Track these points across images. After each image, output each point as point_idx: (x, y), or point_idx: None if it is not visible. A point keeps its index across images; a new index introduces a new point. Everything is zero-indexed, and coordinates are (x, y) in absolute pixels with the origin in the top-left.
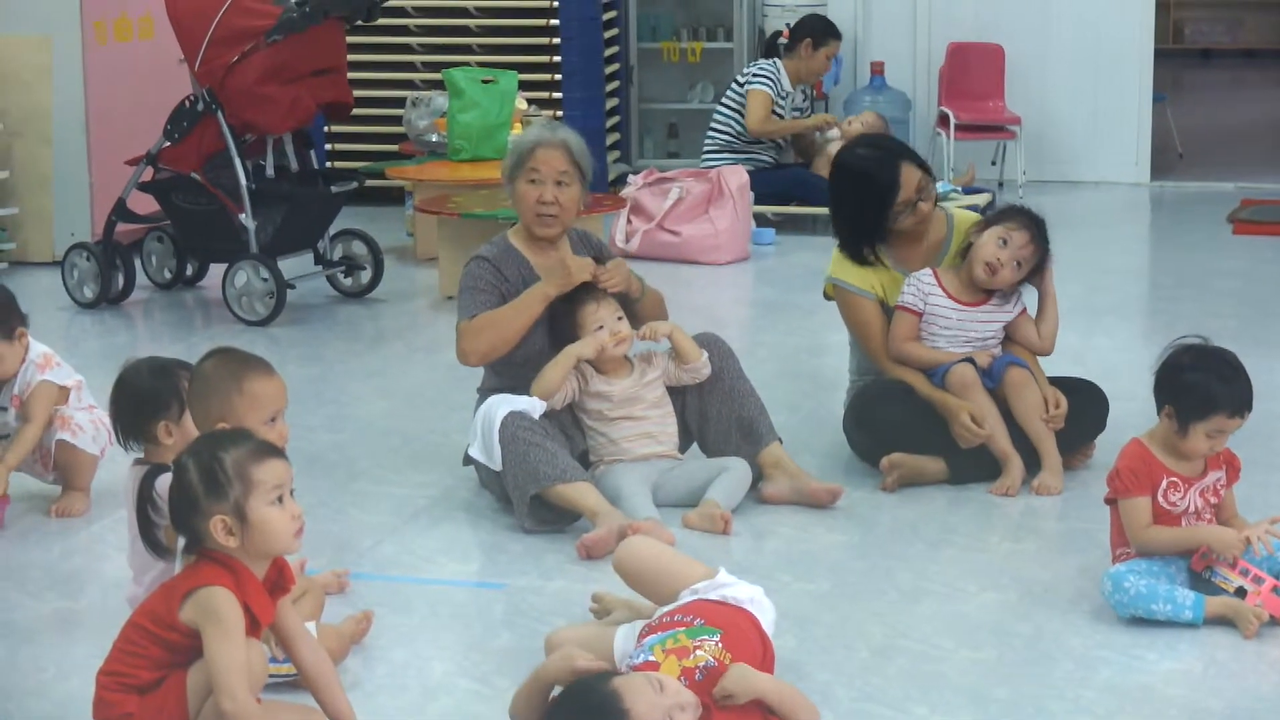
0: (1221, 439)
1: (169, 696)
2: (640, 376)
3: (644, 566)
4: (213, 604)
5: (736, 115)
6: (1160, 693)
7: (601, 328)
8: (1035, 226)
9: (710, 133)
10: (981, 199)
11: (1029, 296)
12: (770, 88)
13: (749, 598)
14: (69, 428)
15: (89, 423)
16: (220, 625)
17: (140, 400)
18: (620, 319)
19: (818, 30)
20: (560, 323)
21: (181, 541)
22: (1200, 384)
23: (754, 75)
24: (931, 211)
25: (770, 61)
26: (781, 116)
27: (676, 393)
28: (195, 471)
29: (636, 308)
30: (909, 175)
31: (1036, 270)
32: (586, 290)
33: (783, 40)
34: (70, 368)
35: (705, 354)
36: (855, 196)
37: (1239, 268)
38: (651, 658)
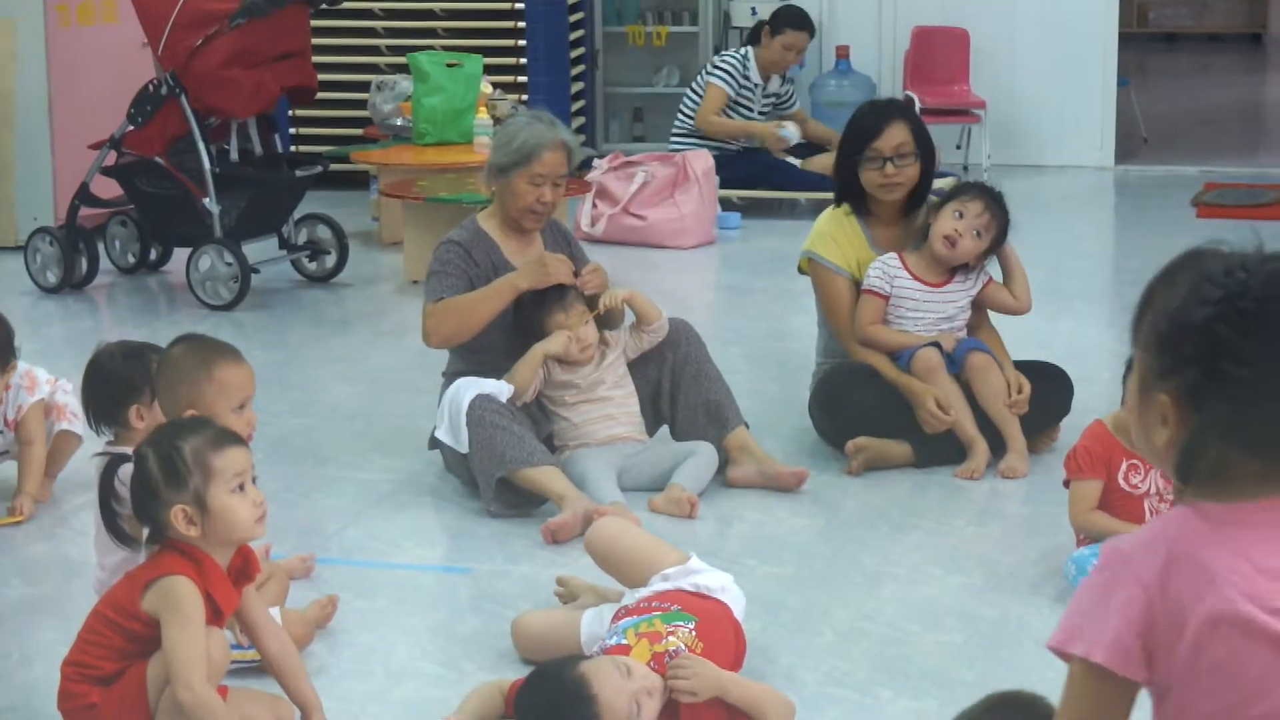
0: None
1: (130, 687)
2: (600, 360)
3: (616, 547)
4: (173, 593)
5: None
6: None
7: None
8: (989, 196)
9: (679, 117)
10: (947, 183)
11: (993, 268)
12: (728, 81)
13: (720, 586)
14: (65, 416)
15: (79, 407)
16: (179, 614)
17: (112, 384)
18: (587, 322)
19: (778, 19)
20: (525, 317)
21: (145, 531)
22: None
23: (714, 66)
24: (901, 184)
25: (739, 51)
26: (739, 110)
27: (645, 377)
28: (155, 461)
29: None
30: (892, 134)
31: (999, 239)
32: (556, 294)
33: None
34: (44, 371)
35: (663, 311)
36: (845, 138)
37: None
38: (624, 641)
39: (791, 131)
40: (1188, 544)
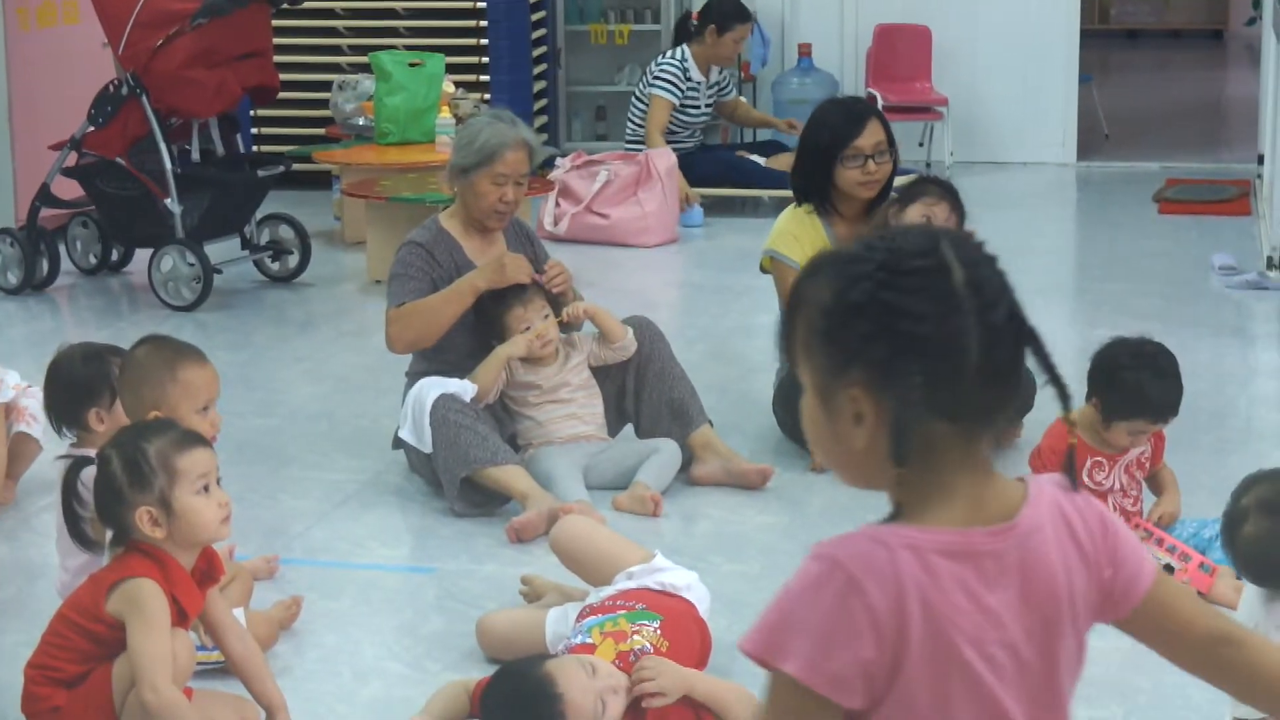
0: (1143, 438)
1: (95, 689)
2: (565, 361)
3: (581, 546)
4: (138, 595)
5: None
6: (1088, 670)
7: (528, 328)
8: (951, 194)
9: (630, 121)
10: (908, 180)
11: None
12: (672, 90)
13: (685, 584)
14: (24, 419)
15: (40, 410)
16: (143, 616)
17: (72, 387)
18: (546, 316)
19: (723, 15)
20: (486, 314)
21: (109, 534)
22: (1130, 385)
23: (655, 77)
24: (880, 181)
25: (675, 55)
26: (687, 111)
27: (609, 376)
28: (119, 463)
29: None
30: (871, 131)
31: None
32: (514, 291)
33: (693, 24)
34: (16, 374)
35: (629, 330)
36: (816, 138)
37: (1164, 247)
38: (589, 640)
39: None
40: (916, 575)
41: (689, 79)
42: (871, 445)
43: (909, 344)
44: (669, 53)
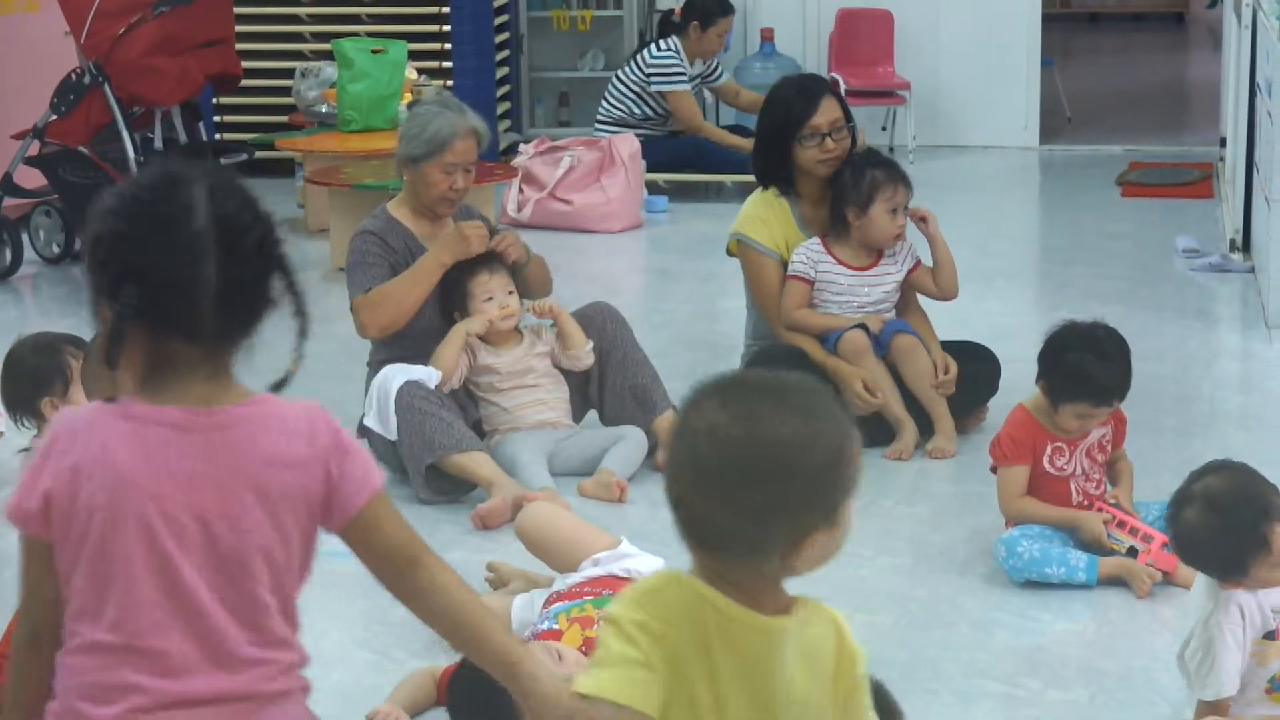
0: (1091, 421)
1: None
2: (530, 347)
3: (546, 533)
4: None
5: (634, 97)
6: (1055, 653)
7: (491, 298)
8: (895, 171)
9: (605, 105)
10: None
11: (921, 248)
12: (683, 80)
13: (651, 570)
14: None
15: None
16: None
17: (23, 378)
18: (510, 293)
19: (706, 11)
20: (449, 291)
21: None
22: (1074, 367)
23: (662, 73)
24: (839, 158)
25: (672, 48)
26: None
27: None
28: None
29: (524, 273)
30: (827, 108)
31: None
32: (481, 257)
33: (675, 18)
34: None
35: (590, 344)
36: (772, 119)
37: (1127, 230)
38: (555, 625)
39: None
40: (111, 443)
41: (688, 69)
42: (132, 371)
43: (135, 272)
44: (660, 45)
